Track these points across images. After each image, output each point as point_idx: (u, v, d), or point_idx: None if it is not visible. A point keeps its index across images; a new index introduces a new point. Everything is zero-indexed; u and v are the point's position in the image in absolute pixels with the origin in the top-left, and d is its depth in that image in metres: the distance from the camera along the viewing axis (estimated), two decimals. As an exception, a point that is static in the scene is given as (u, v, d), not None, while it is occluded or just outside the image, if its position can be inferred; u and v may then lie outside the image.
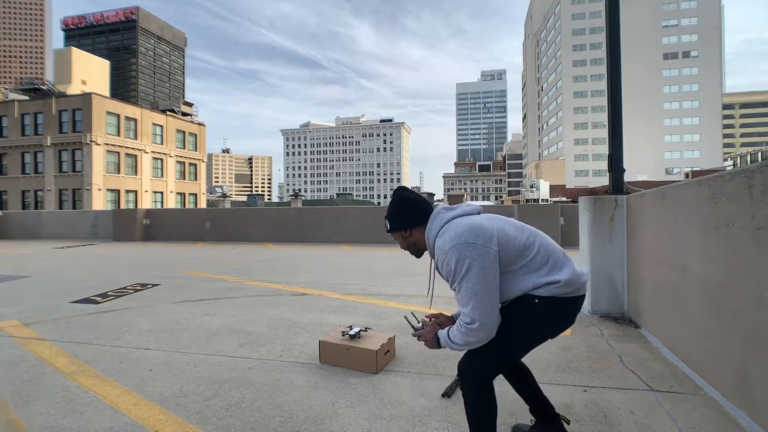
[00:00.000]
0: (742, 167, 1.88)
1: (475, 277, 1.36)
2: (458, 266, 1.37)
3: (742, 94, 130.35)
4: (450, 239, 1.41)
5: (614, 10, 3.88)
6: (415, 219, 1.58)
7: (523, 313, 1.46)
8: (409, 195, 1.63)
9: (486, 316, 1.37)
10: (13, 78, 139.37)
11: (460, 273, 1.38)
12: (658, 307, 2.91)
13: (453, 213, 1.53)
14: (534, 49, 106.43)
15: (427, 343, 1.60)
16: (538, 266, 1.43)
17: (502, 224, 1.47)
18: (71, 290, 5.11)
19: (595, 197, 3.71)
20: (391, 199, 1.67)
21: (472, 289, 1.36)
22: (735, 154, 74.67)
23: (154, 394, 2.25)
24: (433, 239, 1.51)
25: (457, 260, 1.37)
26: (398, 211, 1.62)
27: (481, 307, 1.36)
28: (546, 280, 1.41)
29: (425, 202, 1.61)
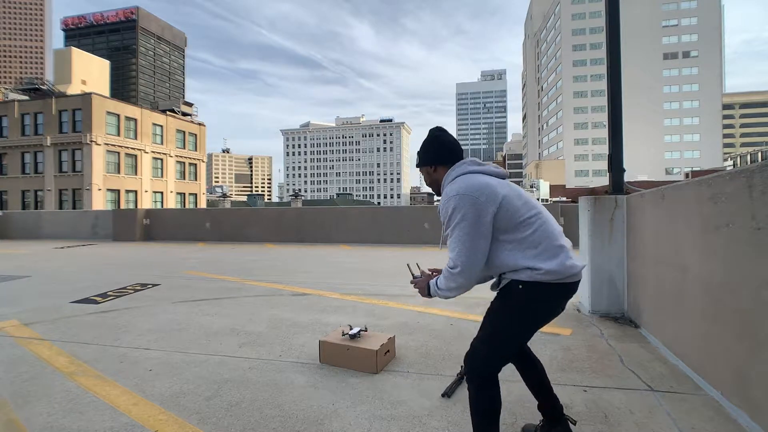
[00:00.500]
0: (742, 167, 1.88)
1: (467, 227, 1.42)
2: (454, 213, 1.44)
3: (742, 94, 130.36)
4: (457, 188, 1.48)
5: (614, 10, 3.88)
6: (440, 157, 1.65)
7: (510, 301, 1.50)
8: (439, 135, 1.68)
9: (468, 263, 1.43)
10: (13, 78, 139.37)
11: (454, 220, 1.44)
12: (658, 307, 2.91)
13: (475, 168, 1.58)
14: (534, 49, 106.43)
15: (420, 291, 1.66)
16: (527, 246, 1.44)
17: (513, 194, 1.49)
18: (71, 290, 5.10)
19: (595, 197, 3.70)
20: (427, 138, 1.72)
21: (462, 237, 1.43)
22: (735, 154, 74.68)
23: (154, 394, 2.25)
24: (447, 184, 1.58)
25: (455, 207, 1.44)
26: (427, 148, 1.68)
27: (467, 253, 1.42)
28: (527, 264, 1.43)
29: (456, 146, 1.66)
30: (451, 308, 3.99)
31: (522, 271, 1.44)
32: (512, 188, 1.54)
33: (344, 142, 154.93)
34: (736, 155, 70.48)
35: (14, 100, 33.10)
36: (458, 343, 3.02)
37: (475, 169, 1.57)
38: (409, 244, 10.30)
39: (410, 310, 3.97)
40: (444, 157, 1.64)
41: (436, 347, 2.94)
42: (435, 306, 4.12)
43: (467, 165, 1.59)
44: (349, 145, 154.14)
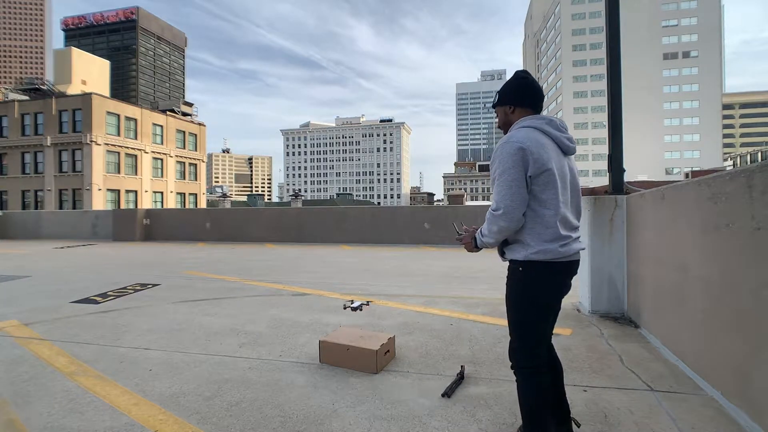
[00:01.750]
0: (742, 167, 1.88)
1: (515, 173, 1.45)
2: (505, 159, 1.47)
3: (742, 94, 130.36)
4: (518, 137, 1.50)
5: (614, 10, 3.88)
6: (521, 100, 1.64)
7: (516, 287, 1.57)
8: (527, 77, 1.67)
9: (510, 206, 1.46)
10: (13, 78, 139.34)
11: (503, 164, 1.48)
12: (658, 307, 2.91)
13: (547, 129, 1.57)
14: (534, 49, 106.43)
15: (467, 246, 1.72)
16: (533, 224, 1.50)
17: (560, 174, 1.52)
18: (71, 290, 5.10)
19: (595, 197, 3.70)
20: (511, 78, 1.71)
21: (508, 182, 1.46)
22: (735, 154, 74.61)
23: (154, 394, 2.25)
24: (514, 128, 1.60)
25: (508, 153, 1.47)
26: (511, 87, 1.67)
27: (511, 197, 1.45)
28: (522, 238, 1.51)
29: (539, 94, 1.65)
30: (451, 308, 3.99)
31: (516, 247, 1.54)
32: (564, 169, 1.56)
33: (344, 142, 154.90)
34: (736, 155, 70.43)
35: (14, 100, 33.09)
36: (458, 343, 3.02)
37: (547, 130, 1.56)
38: (409, 244, 10.30)
39: (410, 310, 3.97)
40: (525, 101, 1.64)
41: (436, 347, 2.94)
42: (435, 306, 4.12)
43: (541, 121, 1.57)
44: (349, 145, 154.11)
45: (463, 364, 2.53)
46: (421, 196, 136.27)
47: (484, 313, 3.81)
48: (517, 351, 1.58)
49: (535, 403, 1.53)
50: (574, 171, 1.65)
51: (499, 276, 5.84)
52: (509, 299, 1.61)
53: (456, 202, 36.25)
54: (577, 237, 1.59)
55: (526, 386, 1.55)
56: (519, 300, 1.57)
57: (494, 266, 6.72)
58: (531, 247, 1.49)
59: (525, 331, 1.57)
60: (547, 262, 1.49)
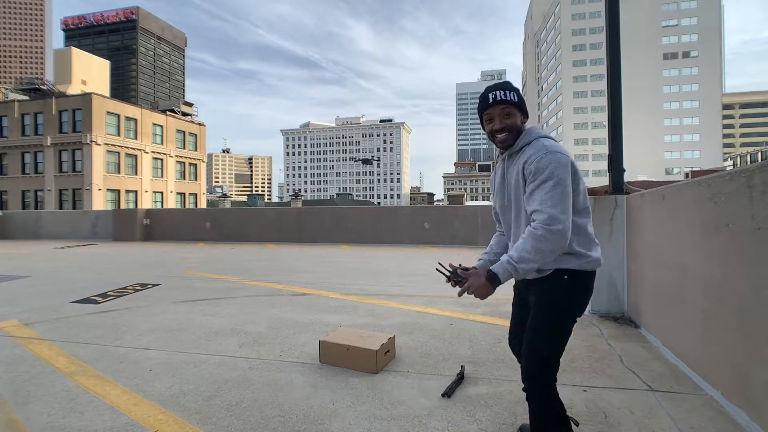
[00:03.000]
0: (742, 167, 1.88)
1: (567, 186, 1.37)
2: (557, 169, 1.37)
3: (742, 94, 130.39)
4: (558, 147, 1.44)
5: (614, 10, 3.88)
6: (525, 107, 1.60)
7: (562, 296, 1.47)
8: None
9: (568, 222, 1.35)
10: (13, 78, 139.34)
11: (556, 176, 1.36)
12: (658, 307, 2.91)
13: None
14: (534, 49, 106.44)
15: (480, 290, 1.39)
16: (581, 233, 1.48)
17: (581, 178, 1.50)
18: (71, 290, 5.10)
19: (595, 197, 3.70)
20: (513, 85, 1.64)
21: (563, 194, 1.36)
22: (735, 154, 74.66)
23: (154, 394, 2.25)
24: (537, 137, 1.51)
25: (558, 163, 1.38)
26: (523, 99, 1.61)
27: (567, 212, 1.36)
28: (578, 249, 1.46)
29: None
30: (451, 308, 3.99)
31: (569, 257, 1.45)
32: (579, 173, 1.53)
33: (344, 142, 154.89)
34: (736, 155, 70.44)
35: (14, 100, 33.09)
36: (458, 343, 3.02)
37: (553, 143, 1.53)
38: (409, 244, 10.30)
39: (410, 310, 3.97)
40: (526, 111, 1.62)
41: (436, 347, 2.94)
42: (435, 306, 4.12)
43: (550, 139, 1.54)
44: (349, 145, 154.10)
45: (463, 364, 2.53)
46: (421, 196, 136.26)
47: (484, 313, 3.81)
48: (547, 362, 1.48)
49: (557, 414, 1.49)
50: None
51: (499, 276, 5.83)
52: (549, 308, 1.48)
53: (456, 202, 36.22)
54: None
55: (544, 396, 1.48)
56: (564, 309, 1.49)
57: (494, 266, 6.72)
58: (586, 258, 1.46)
59: (560, 341, 1.51)
60: (587, 271, 1.48)
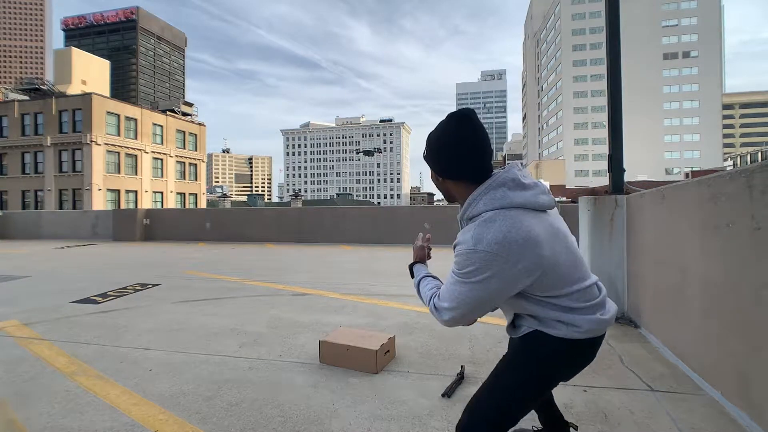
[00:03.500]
0: (742, 167, 1.88)
1: (481, 290, 1.06)
2: (471, 267, 1.05)
3: (742, 94, 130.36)
4: (489, 237, 1.03)
5: (614, 10, 3.88)
6: (450, 171, 1.18)
7: (533, 354, 1.21)
8: (454, 136, 1.13)
9: (459, 318, 1.13)
10: (13, 78, 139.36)
11: (465, 269, 1.06)
12: (658, 307, 2.91)
13: (518, 199, 1.09)
14: (534, 49, 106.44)
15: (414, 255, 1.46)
16: (562, 304, 1.15)
17: (560, 248, 1.11)
18: (71, 290, 5.10)
19: (595, 197, 3.70)
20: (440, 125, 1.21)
21: (468, 295, 1.08)
22: (735, 154, 74.61)
23: (154, 394, 2.25)
24: (467, 219, 1.16)
25: (474, 263, 1.04)
26: (433, 148, 1.19)
27: (463, 311, 1.11)
28: (561, 318, 1.14)
29: (477, 156, 1.13)
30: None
31: (552, 323, 1.16)
32: (560, 236, 1.13)
33: (344, 142, 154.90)
34: (736, 155, 70.42)
35: (14, 100, 33.10)
36: (458, 343, 3.02)
37: (517, 200, 1.09)
38: (409, 244, 10.28)
39: (410, 310, 3.97)
40: (459, 173, 1.16)
41: (436, 347, 2.94)
42: (435, 306, 4.12)
43: (506, 190, 1.10)
44: (349, 145, 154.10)
45: (463, 364, 2.53)
46: (421, 196, 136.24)
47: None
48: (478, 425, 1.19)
49: None
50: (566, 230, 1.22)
51: (499, 276, 5.83)
52: (509, 363, 1.27)
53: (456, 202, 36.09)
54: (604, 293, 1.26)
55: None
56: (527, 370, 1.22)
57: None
58: (575, 327, 1.16)
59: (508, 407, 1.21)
60: (577, 339, 1.19)
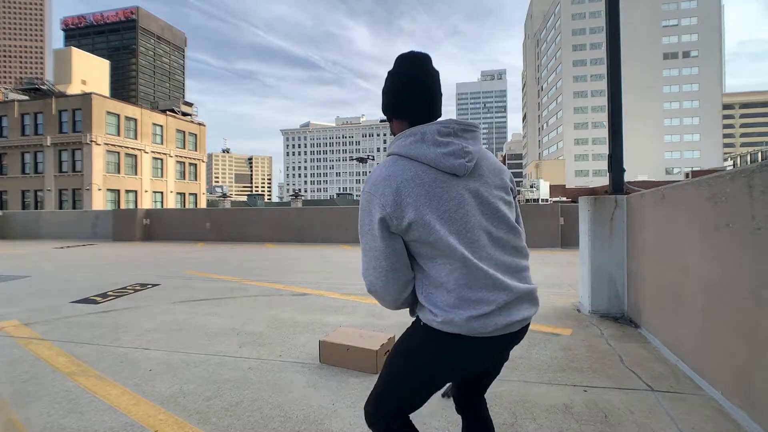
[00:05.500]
0: (742, 167, 1.88)
1: (369, 239, 1.02)
2: (360, 213, 1.05)
3: (742, 94, 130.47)
4: (370, 178, 1.04)
5: (614, 10, 3.88)
6: (387, 107, 1.12)
7: (411, 338, 1.11)
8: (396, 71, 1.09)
9: (380, 286, 1.04)
10: (13, 78, 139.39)
11: (359, 222, 1.05)
12: (658, 307, 2.91)
13: (413, 151, 1.01)
14: (534, 49, 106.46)
15: None
16: (434, 284, 1.01)
17: (440, 211, 0.98)
18: (71, 290, 5.10)
19: (595, 197, 3.70)
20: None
21: (365, 250, 1.04)
22: (735, 154, 74.66)
23: (154, 394, 2.25)
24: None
25: (360, 206, 1.05)
26: (384, 89, 1.14)
27: (374, 273, 1.03)
28: (428, 305, 1.02)
29: (414, 92, 1.07)
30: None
31: (421, 308, 1.06)
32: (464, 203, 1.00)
33: (344, 142, 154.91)
34: (736, 155, 70.46)
35: (14, 100, 33.10)
36: (458, 343, 3.02)
37: (413, 152, 1.01)
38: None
39: (410, 310, 3.97)
40: (392, 110, 1.10)
41: (436, 347, 2.94)
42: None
43: (414, 140, 1.02)
44: (349, 145, 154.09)
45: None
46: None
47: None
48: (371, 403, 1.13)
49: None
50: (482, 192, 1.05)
51: (499, 276, 5.83)
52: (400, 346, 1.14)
53: (456, 202, 36.11)
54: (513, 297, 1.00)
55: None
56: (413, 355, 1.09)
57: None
58: (434, 315, 1.01)
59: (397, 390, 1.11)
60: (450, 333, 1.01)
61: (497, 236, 1.04)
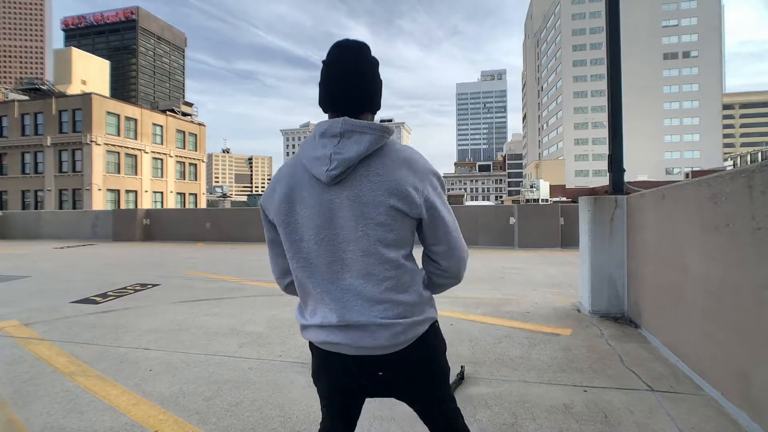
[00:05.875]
0: (742, 167, 1.88)
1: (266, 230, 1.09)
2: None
3: (742, 94, 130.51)
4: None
5: (614, 10, 3.88)
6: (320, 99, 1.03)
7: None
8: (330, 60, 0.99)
9: (277, 275, 1.12)
10: (13, 78, 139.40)
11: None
12: (658, 307, 2.91)
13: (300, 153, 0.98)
14: (534, 49, 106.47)
15: None
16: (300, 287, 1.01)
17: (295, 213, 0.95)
18: (71, 290, 5.10)
19: (595, 197, 3.70)
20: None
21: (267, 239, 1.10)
22: (735, 154, 74.65)
23: (154, 394, 2.25)
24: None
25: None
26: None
27: (271, 264, 1.12)
28: (298, 313, 1.07)
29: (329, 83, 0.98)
30: (451, 308, 3.98)
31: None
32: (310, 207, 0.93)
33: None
34: (736, 155, 70.45)
35: (14, 100, 33.11)
36: (458, 343, 3.02)
37: (301, 147, 0.98)
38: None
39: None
40: (321, 99, 1.01)
41: (436, 347, 2.94)
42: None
43: (308, 138, 0.98)
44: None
45: (463, 364, 2.53)
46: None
47: (484, 313, 3.80)
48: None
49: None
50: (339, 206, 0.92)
51: (499, 276, 5.84)
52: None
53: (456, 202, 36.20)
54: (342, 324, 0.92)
55: None
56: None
57: (494, 266, 6.72)
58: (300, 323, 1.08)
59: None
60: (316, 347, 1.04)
61: (344, 257, 0.92)
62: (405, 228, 0.93)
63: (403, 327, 0.92)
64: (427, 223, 0.94)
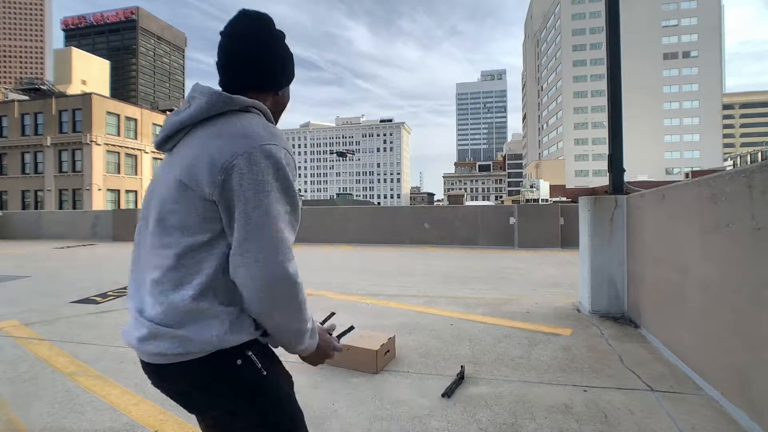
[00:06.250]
0: (742, 167, 1.88)
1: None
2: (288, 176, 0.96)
3: (742, 94, 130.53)
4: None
5: (614, 10, 3.88)
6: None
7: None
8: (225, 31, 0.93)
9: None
10: (13, 78, 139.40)
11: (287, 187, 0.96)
12: (658, 307, 2.91)
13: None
14: (534, 49, 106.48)
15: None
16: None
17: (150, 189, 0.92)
18: (71, 290, 5.10)
19: (595, 197, 3.71)
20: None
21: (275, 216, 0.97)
22: (735, 154, 74.71)
23: (155, 394, 2.24)
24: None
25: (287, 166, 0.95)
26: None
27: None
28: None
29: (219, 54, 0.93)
30: (451, 308, 3.99)
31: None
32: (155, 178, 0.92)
33: (344, 142, 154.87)
34: (736, 155, 70.49)
35: (14, 100, 33.10)
36: (458, 343, 3.02)
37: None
38: (409, 244, 10.29)
39: (410, 310, 3.97)
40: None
41: (436, 347, 2.94)
42: (435, 306, 4.12)
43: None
44: (349, 145, 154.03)
45: (463, 364, 2.53)
46: (421, 196, 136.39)
47: (484, 313, 3.81)
48: None
49: None
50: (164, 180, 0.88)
51: (499, 276, 5.84)
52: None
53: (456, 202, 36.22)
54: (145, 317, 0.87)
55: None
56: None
57: (494, 266, 6.73)
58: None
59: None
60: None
61: (152, 232, 0.89)
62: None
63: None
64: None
